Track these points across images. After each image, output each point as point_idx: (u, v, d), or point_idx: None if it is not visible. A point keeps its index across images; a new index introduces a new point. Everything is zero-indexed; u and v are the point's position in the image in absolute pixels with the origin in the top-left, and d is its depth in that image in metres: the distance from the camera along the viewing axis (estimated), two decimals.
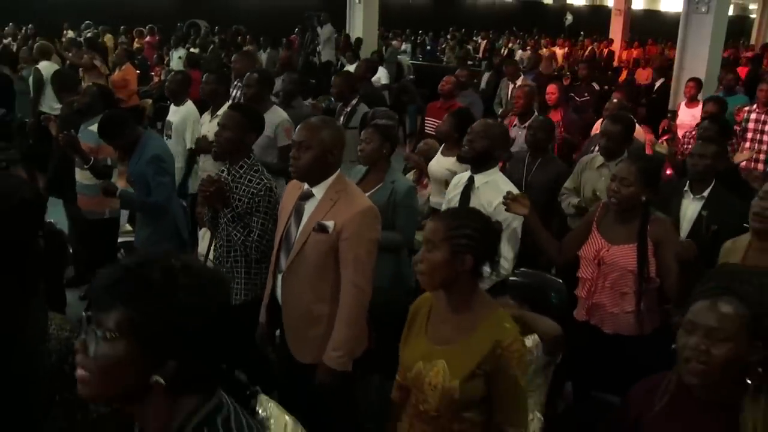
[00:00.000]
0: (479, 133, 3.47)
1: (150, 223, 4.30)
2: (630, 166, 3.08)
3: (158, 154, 4.24)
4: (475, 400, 2.12)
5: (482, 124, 3.57)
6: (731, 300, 1.65)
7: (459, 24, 25.62)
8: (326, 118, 3.07)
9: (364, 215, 2.81)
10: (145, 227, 4.35)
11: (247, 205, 3.29)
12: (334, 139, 2.86)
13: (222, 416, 1.33)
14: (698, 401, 1.75)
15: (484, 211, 3.29)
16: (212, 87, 5.26)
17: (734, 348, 1.64)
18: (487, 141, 3.44)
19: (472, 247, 2.09)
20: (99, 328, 1.24)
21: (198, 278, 1.29)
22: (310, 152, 2.81)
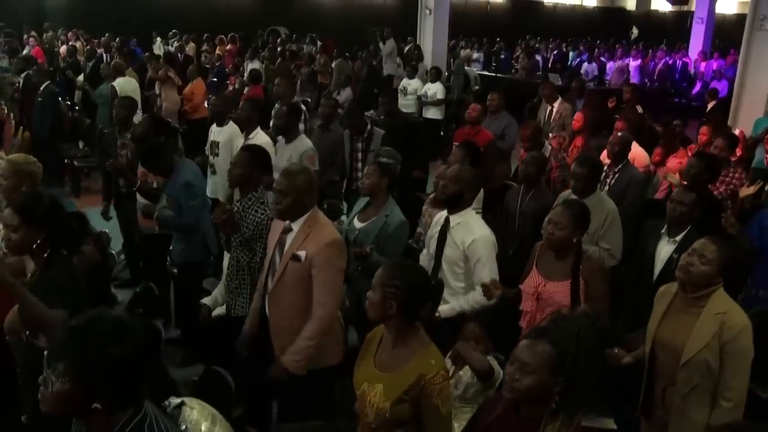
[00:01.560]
0: (451, 178, 3.90)
1: (183, 239, 4.94)
2: (563, 211, 3.47)
3: (189, 180, 4.86)
4: (404, 420, 2.56)
5: (454, 170, 4.00)
6: (545, 342, 2.08)
7: (538, 31, 25.54)
8: (302, 167, 3.62)
9: (330, 246, 3.33)
10: (179, 243, 4.99)
11: (253, 232, 3.90)
12: (307, 184, 3.40)
13: (147, 423, 1.88)
14: (519, 416, 2.20)
15: (458, 249, 3.78)
16: (247, 113, 5.89)
17: (538, 379, 2.09)
18: (457, 186, 3.88)
19: (397, 296, 2.52)
20: (54, 373, 1.79)
21: (122, 331, 1.84)
22: (288, 197, 3.36)
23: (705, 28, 22.58)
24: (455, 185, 3.88)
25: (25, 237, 2.93)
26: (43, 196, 3.06)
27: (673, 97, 17.65)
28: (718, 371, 3.00)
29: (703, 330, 3.00)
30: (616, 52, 20.58)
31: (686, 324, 3.06)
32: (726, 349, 2.97)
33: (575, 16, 29.53)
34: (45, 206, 2.98)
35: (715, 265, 3.03)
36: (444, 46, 16.59)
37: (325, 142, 6.51)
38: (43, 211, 2.96)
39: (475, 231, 3.83)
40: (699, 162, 4.97)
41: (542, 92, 8.75)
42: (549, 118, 8.43)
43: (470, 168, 4.13)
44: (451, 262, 3.89)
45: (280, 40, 18.99)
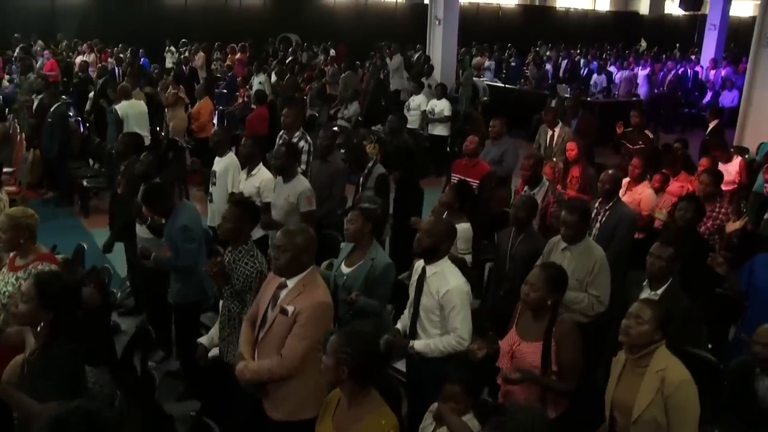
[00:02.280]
0: (425, 231, 4.02)
1: (179, 279, 5.09)
2: (539, 274, 3.57)
3: (186, 224, 5.01)
4: None
5: (429, 223, 4.13)
6: None
7: (551, 37, 25.48)
8: (301, 227, 3.73)
9: (318, 307, 3.46)
10: (176, 282, 5.13)
11: (243, 284, 4.04)
12: (306, 243, 3.53)
13: None
14: None
15: (434, 299, 3.91)
16: (249, 150, 6.00)
17: None
18: (431, 239, 3.98)
19: (348, 362, 2.72)
20: None
21: (95, 423, 1.96)
22: (287, 254, 3.48)
23: (717, 35, 22.48)
24: (429, 238, 3.99)
25: (32, 311, 3.05)
26: (62, 278, 3.19)
27: (684, 107, 17.59)
28: (667, 427, 3.15)
29: (647, 388, 3.19)
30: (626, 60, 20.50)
31: (634, 384, 3.26)
32: (668, 404, 3.15)
33: (588, 21, 29.46)
34: (59, 289, 3.11)
35: (651, 324, 3.21)
36: (453, 56, 16.66)
37: (325, 173, 6.61)
38: (56, 292, 3.08)
39: (450, 281, 3.94)
40: (689, 205, 5.06)
41: (544, 117, 8.77)
42: (550, 142, 8.48)
43: (445, 220, 4.26)
44: (428, 311, 4.01)
45: (291, 49, 19.09)
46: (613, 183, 5.56)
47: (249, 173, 6.04)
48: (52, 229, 8.54)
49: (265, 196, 5.91)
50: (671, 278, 4.18)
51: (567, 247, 4.63)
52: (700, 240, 5.21)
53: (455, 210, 5.32)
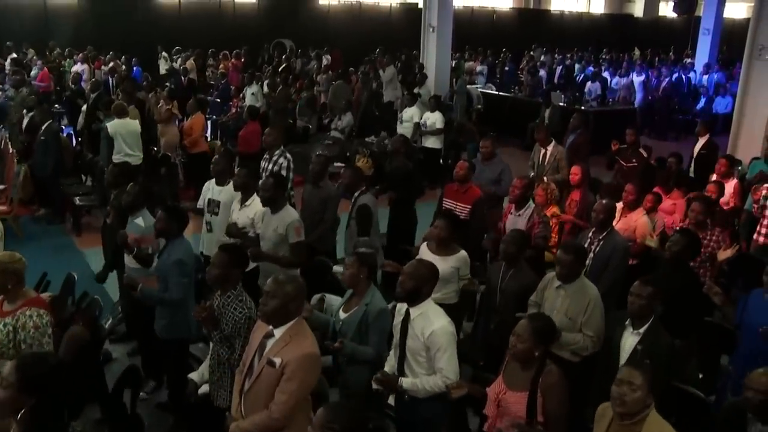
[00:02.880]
0: (408, 274, 4.01)
1: (164, 315, 5.05)
2: (527, 326, 3.58)
3: (182, 259, 4.97)
4: None
5: (411, 266, 4.10)
6: None
7: (546, 40, 25.46)
8: (291, 275, 3.71)
9: (306, 359, 3.44)
10: (161, 318, 5.10)
11: (232, 329, 4.02)
12: (295, 292, 3.51)
13: None
14: None
15: (419, 340, 3.93)
16: (243, 181, 5.97)
17: None
18: (413, 282, 3.98)
19: None
20: None
21: None
22: (274, 300, 3.46)
23: (711, 39, 22.49)
24: (411, 281, 3.99)
25: (11, 398, 2.73)
26: (47, 361, 2.87)
27: (678, 114, 17.61)
28: None
29: None
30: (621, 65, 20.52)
31: None
32: None
33: (583, 24, 29.46)
34: (43, 373, 2.76)
35: (644, 390, 3.21)
36: (447, 64, 16.58)
37: (317, 198, 6.61)
38: (39, 377, 2.75)
39: (434, 322, 3.93)
40: (682, 239, 5.06)
41: (536, 135, 8.75)
42: (543, 161, 8.47)
43: (426, 263, 4.23)
44: (414, 352, 4.01)
45: (285, 56, 19.03)
46: (607, 213, 5.56)
47: (243, 203, 6.01)
48: (44, 248, 8.57)
49: (260, 227, 5.90)
50: (653, 316, 4.18)
51: (561, 286, 4.63)
52: (689, 273, 5.21)
53: (447, 241, 5.32)
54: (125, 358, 6.17)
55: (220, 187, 6.36)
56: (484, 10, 27.18)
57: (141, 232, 5.47)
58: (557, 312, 4.57)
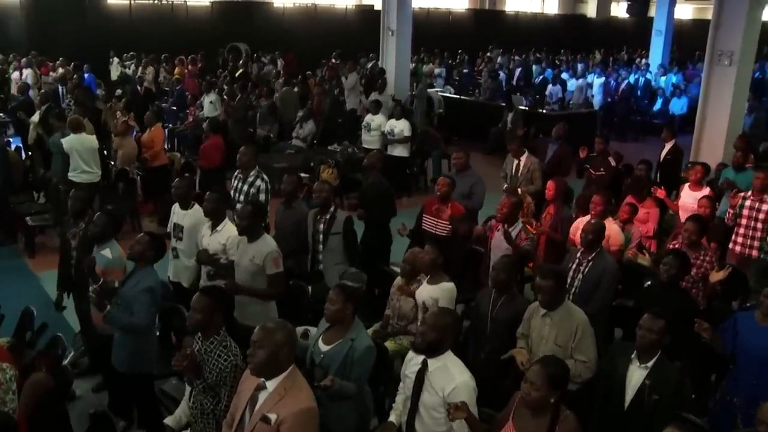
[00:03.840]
0: (430, 326, 3.74)
1: (127, 345, 4.75)
2: (540, 371, 3.37)
3: (152, 287, 4.72)
4: None
5: (433, 316, 3.84)
6: None
7: (501, 40, 25.51)
8: (280, 322, 3.43)
9: (304, 414, 3.19)
10: (121, 350, 4.80)
11: (217, 378, 3.74)
12: (285, 339, 3.25)
13: None
14: None
15: (437, 396, 3.74)
16: (213, 206, 5.66)
17: None
18: (436, 333, 3.72)
19: None
20: None
21: None
22: (263, 351, 3.21)
23: (664, 40, 22.85)
24: (434, 333, 3.75)
25: None
26: None
27: (636, 116, 17.77)
28: None
29: None
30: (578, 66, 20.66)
31: None
32: None
33: (537, 24, 29.62)
34: None
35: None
36: (407, 67, 16.43)
37: (289, 219, 6.35)
38: None
39: (456, 377, 3.72)
40: (675, 261, 4.96)
41: (509, 147, 8.60)
42: (516, 172, 8.33)
43: (449, 311, 4.03)
44: (430, 408, 3.78)
45: (242, 60, 18.59)
46: (596, 234, 5.41)
47: (214, 228, 5.71)
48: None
49: (232, 253, 5.59)
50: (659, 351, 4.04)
51: (547, 313, 4.48)
52: (684, 296, 5.10)
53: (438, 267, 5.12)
54: (90, 396, 5.81)
55: (184, 211, 6.07)
56: (439, 11, 27.10)
57: (107, 264, 5.14)
58: (546, 341, 4.43)
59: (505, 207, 5.90)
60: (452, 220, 6.39)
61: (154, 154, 9.76)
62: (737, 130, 11.35)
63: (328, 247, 6.08)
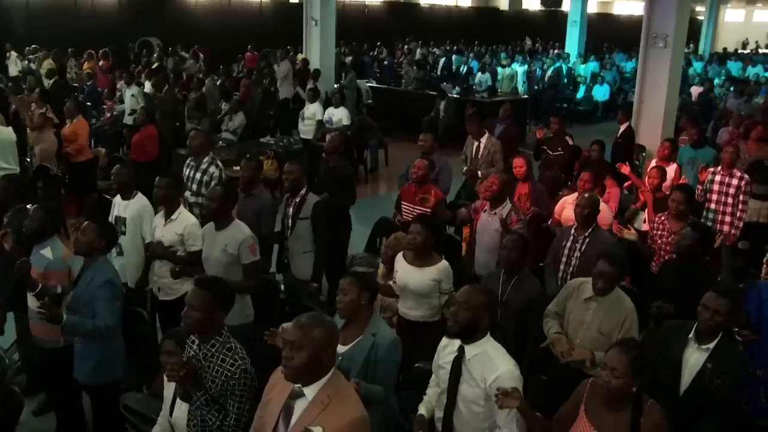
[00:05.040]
0: (461, 304, 3.29)
1: (93, 354, 4.11)
2: (620, 356, 2.95)
3: (112, 279, 4.11)
4: None
5: (465, 294, 3.36)
6: None
7: (417, 33, 25.40)
8: (318, 315, 2.87)
9: (354, 426, 2.65)
10: (85, 360, 4.14)
11: (223, 387, 3.14)
12: (327, 337, 2.71)
13: None
14: None
15: (479, 387, 3.27)
16: (165, 192, 5.02)
17: None
18: (470, 312, 3.27)
19: None
20: None
21: None
22: (303, 353, 2.65)
23: (579, 30, 23.34)
24: (467, 312, 3.29)
25: None
26: None
27: (562, 103, 17.90)
28: None
29: None
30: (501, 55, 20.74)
31: None
32: None
33: (452, 17, 29.69)
34: None
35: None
36: (332, 58, 15.99)
37: (249, 209, 5.74)
38: None
39: (499, 365, 3.27)
40: (693, 234, 4.62)
41: (468, 128, 8.26)
42: (476, 154, 7.99)
43: (482, 289, 3.55)
44: (470, 401, 3.32)
45: (157, 54, 17.58)
46: (592, 207, 5.08)
47: (168, 218, 5.07)
48: None
49: (191, 244, 4.98)
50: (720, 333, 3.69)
51: (592, 298, 4.08)
52: (703, 271, 4.80)
53: (430, 247, 4.65)
54: (32, 422, 5.04)
55: (126, 202, 5.40)
56: (356, 3, 26.67)
57: (48, 266, 4.40)
58: (587, 327, 4.05)
59: (495, 185, 5.49)
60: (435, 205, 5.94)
61: (77, 148, 8.85)
62: (673, 110, 11.52)
63: (296, 233, 5.53)
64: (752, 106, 13.36)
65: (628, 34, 31.35)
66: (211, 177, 6.26)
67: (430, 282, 4.58)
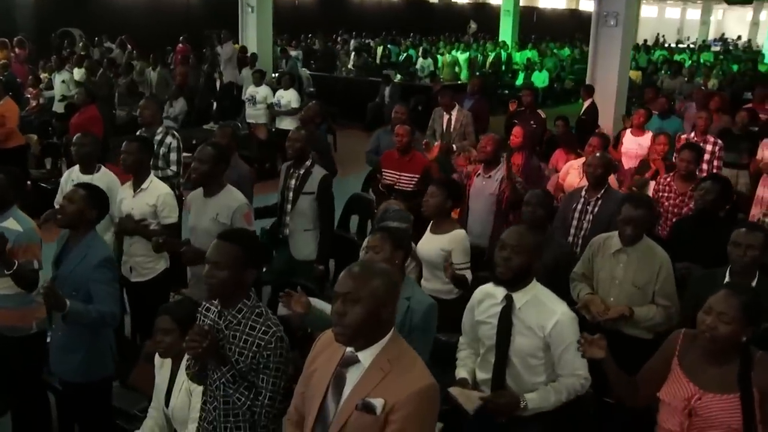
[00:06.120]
0: (514, 248, 2.94)
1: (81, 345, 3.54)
2: (730, 299, 2.58)
3: (108, 257, 3.54)
4: None
5: (515, 236, 3.00)
6: None
7: (348, 25, 25.03)
8: (374, 264, 2.41)
9: (423, 397, 2.20)
10: (73, 352, 3.55)
11: (254, 359, 2.63)
12: (387, 290, 2.24)
13: None
14: None
15: (536, 336, 2.91)
16: (135, 158, 4.45)
17: None
18: (524, 256, 2.94)
19: None
20: None
21: None
22: (358, 308, 2.18)
23: (512, 20, 23.47)
24: (519, 257, 2.93)
25: None
26: None
27: (503, 89, 17.87)
28: None
29: None
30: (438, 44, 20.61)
31: None
32: None
33: (382, 10, 29.44)
34: None
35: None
36: (270, 45, 15.50)
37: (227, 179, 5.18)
38: None
39: (555, 308, 2.95)
40: (715, 186, 4.36)
41: (440, 100, 7.93)
42: (447, 127, 7.64)
43: (527, 229, 3.18)
44: (526, 354, 2.97)
45: (83, 44, 16.57)
46: (605, 167, 4.79)
47: (137, 188, 4.49)
48: None
49: (165, 216, 4.44)
50: (758, 272, 3.45)
51: (621, 250, 3.76)
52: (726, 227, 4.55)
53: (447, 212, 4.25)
54: None
55: (89, 176, 4.79)
56: None
57: (17, 239, 3.76)
58: (619, 282, 3.72)
59: (489, 145, 5.15)
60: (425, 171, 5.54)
61: (6, 133, 8.00)
62: (625, 89, 11.58)
63: (298, 208, 4.99)
64: (694, 85, 13.60)
65: (554, 27, 32.18)
66: (169, 148, 5.76)
67: (439, 251, 4.15)
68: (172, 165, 5.76)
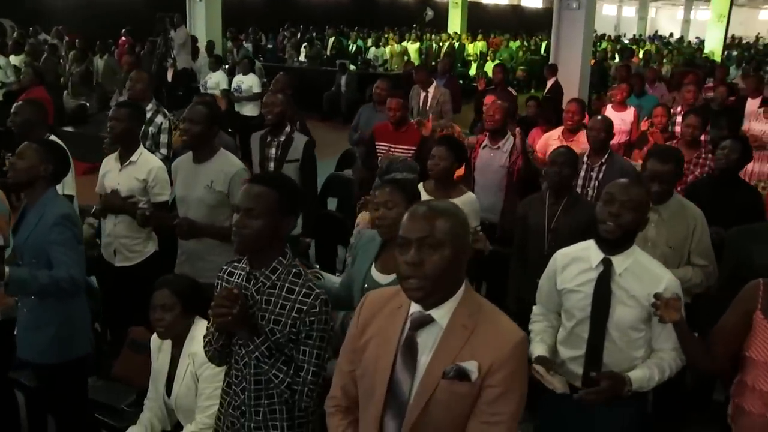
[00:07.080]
0: (624, 203, 2.57)
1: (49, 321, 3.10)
2: None
3: (67, 213, 3.08)
4: None
5: (625, 190, 2.62)
6: None
7: (295, 18, 24.54)
8: (443, 202, 2.00)
9: (523, 351, 1.87)
10: (38, 330, 3.11)
11: (291, 329, 2.21)
12: (467, 231, 1.89)
13: None
14: None
15: (640, 306, 2.57)
16: (125, 126, 3.98)
17: None
18: (635, 213, 2.58)
19: None
20: None
21: None
22: (440, 253, 1.79)
23: (461, 12, 23.48)
24: (632, 213, 2.58)
25: None
26: None
27: (458, 79, 17.74)
28: None
29: None
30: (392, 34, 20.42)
31: None
32: None
33: (328, 5, 28.96)
34: None
35: None
36: (219, 35, 15.18)
37: None
38: None
39: (662, 273, 2.61)
40: (737, 144, 4.14)
41: (416, 77, 7.61)
42: (424, 104, 7.33)
43: (635, 180, 2.84)
44: (628, 327, 2.62)
45: (18, 32, 15.69)
46: (607, 129, 4.56)
47: (123, 161, 4.03)
48: None
49: (157, 193, 3.99)
50: None
51: (652, 208, 3.48)
52: (748, 188, 4.36)
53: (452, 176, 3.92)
54: None
55: None
56: None
57: None
58: (652, 245, 3.39)
59: (497, 113, 4.83)
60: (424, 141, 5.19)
61: None
62: (587, 71, 11.62)
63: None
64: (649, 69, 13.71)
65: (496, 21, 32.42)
66: (159, 128, 5.25)
67: None
68: (162, 148, 5.24)
